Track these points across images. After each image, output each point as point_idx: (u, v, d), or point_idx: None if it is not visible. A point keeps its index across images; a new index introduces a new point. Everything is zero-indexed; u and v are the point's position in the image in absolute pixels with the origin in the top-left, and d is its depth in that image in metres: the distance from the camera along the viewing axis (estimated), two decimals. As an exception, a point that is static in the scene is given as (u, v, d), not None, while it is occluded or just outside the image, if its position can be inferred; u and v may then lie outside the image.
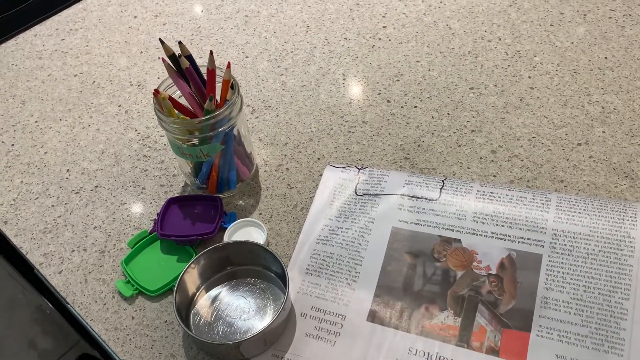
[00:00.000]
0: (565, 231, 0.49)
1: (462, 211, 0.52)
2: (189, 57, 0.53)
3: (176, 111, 0.54)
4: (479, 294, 0.50)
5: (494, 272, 0.50)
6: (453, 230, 0.52)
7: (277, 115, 0.68)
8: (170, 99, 0.52)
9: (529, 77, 0.68)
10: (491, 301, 0.49)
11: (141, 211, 0.59)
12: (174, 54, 0.53)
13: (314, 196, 0.58)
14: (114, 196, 0.61)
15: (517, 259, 0.50)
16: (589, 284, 0.47)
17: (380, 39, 0.75)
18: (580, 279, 0.48)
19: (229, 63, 0.53)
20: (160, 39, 0.52)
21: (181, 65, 0.52)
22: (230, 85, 0.53)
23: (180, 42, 0.52)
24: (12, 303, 1.15)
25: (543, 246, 0.50)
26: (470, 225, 0.52)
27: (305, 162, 0.62)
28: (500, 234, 0.51)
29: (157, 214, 0.57)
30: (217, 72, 0.54)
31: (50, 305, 1.10)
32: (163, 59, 0.53)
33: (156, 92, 0.51)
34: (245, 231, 0.56)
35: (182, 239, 0.55)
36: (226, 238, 0.55)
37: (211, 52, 0.52)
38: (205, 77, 0.54)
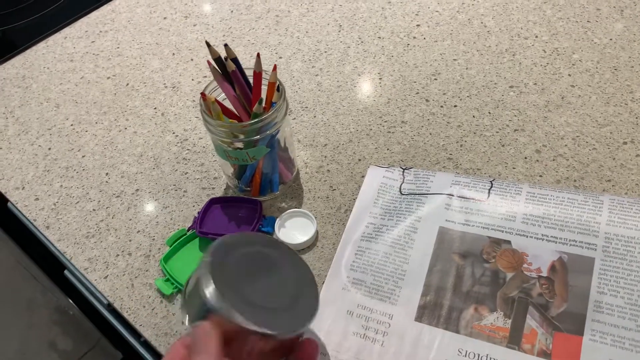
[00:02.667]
0: (619, 235, 0.49)
1: (512, 212, 0.52)
2: (235, 60, 0.52)
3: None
4: (530, 296, 0.49)
5: (544, 274, 0.50)
6: (503, 231, 0.51)
7: (315, 117, 0.67)
8: (216, 101, 0.52)
9: (569, 74, 0.67)
10: (542, 304, 0.49)
11: (184, 214, 0.59)
12: (219, 56, 0.52)
13: (357, 197, 0.58)
14: (155, 200, 0.61)
15: (569, 262, 0.49)
16: None
17: (414, 37, 0.75)
18: (634, 284, 0.47)
19: (275, 66, 0.52)
20: (206, 42, 0.51)
21: (227, 68, 0.52)
22: (277, 87, 0.53)
23: (226, 45, 0.52)
24: (31, 304, 1.16)
25: (595, 249, 0.49)
26: (520, 227, 0.51)
27: (346, 163, 0.62)
28: (551, 236, 0.50)
29: (198, 212, 0.57)
30: (263, 74, 0.53)
31: (75, 306, 1.10)
32: (209, 61, 0.52)
33: (204, 96, 0.51)
34: (295, 221, 0.56)
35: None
36: (276, 227, 0.55)
37: (258, 55, 0.52)
38: (250, 80, 0.54)
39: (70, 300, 1.11)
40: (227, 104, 0.55)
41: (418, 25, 0.76)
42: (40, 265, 1.03)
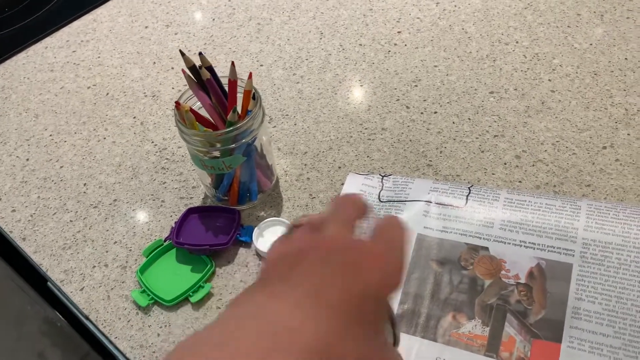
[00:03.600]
0: (596, 240, 0.48)
1: (490, 219, 0.51)
2: (210, 68, 0.52)
3: (197, 123, 0.53)
4: (508, 303, 0.49)
5: (523, 281, 0.49)
6: (480, 238, 0.51)
7: (295, 124, 0.67)
8: (191, 111, 0.52)
9: (549, 80, 0.67)
10: (520, 311, 0.48)
11: (162, 224, 0.58)
12: (194, 65, 0.52)
13: (336, 206, 0.57)
14: (133, 210, 0.60)
15: (547, 268, 0.49)
16: (622, 294, 0.46)
17: (395, 44, 0.75)
18: (612, 290, 0.47)
19: (250, 74, 0.52)
20: (180, 51, 0.51)
21: (202, 77, 0.52)
22: (252, 95, 0.52)
23: (200, 54, 0.51)
24: (20, 315, 1.14)
25: (573, 255, 0.49)
26: (498, 233, 0.51)
27: (326, 171, 0.61)
28: (530, 243, 0.50)
29: (175, 222, 0.56)
30: (238, 82, 0.53)
31: (62, 318, 1.09)
32: (183, 70, 0.52)
33: (178, 105, 0.50)
34: (274, 230, 0.56)
35: (196, 247, 0.54)
36: (255, 236, 0.55)
37: (232, 63, 0.51)
38: (226, 88, 0.53)
39: (57, 312, 1.10)
40: (204, 113, 0.55)
41: (399, 32, 0.76)
42: (24, 277, 1.02)
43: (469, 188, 0.53)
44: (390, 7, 0.80)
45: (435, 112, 0.65)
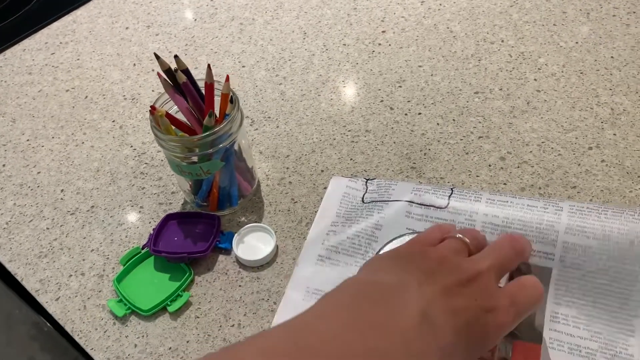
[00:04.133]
0: (576, 244, 0.48)
1: (471, 220, 0.50)
2: (186, 71, 0.50)
3: (174, 128, 0.51)
4: None
5: (502, 285, 0.48)
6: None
7: (278, 127, 0.65)
8: (168, 115, 0.50)
9: (535, 79, 0.66)
10: None
11: (140, 231, 0.57)
12: (169, 68, 0.51)
13: (318, 209, 0.56)
14: (111, 216, 0.59)
15: (527, 272, 0.48)
16: (597, 300, 0.46)
17: (380, 44, 0.73)
18: (588, 296, 0.47)
19: (227, 76, 0.51)
20: (155, 54, 0.50)
21: (178, 80, 0.50)
22: (230, 99, 0.51)
23: (176, 56, 0.50)
24: (9, 319, 1.13)
25: (553, 259, 0.48)
26: None
27: (309, 174, 0.60)
28: None
29: (153, 229, 0.55)
30: (216, 85, 0.52)
31: (48, 324, 1.08)
32: (159, 74, 0.50)
33: (153, 109, 0.49)
34: (254, 236, 0.54)
35: (174, 256, 0.53)
36: (234, 243, 0.53)
37: (209, 66, 0.50)
38: (203, 91, 0.52)
39: (41, 317, 1.08)
40: (182, 117, 0.53)
41: (383, 32, 0.75)
42: (6, 283, 1.00)
43: (451, 189, 0.52)
44: (375, 6, 0.79)
45: (420, 113, 0.64)
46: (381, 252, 0.48)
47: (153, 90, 0.71)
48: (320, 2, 0.81)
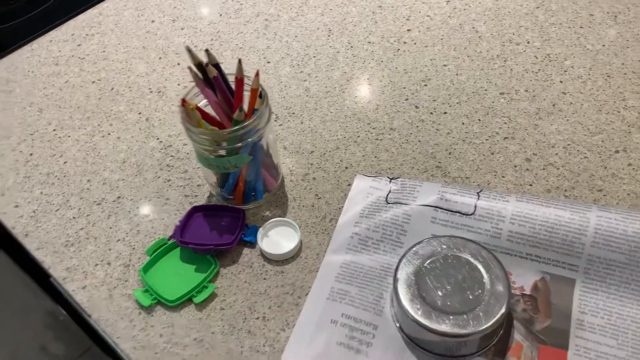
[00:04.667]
0: (601, 257, 0.48)
1: (498, 229, 0.50)
2: (217, 66, 0.51)
3: (203, 121, 0.52)
4: (514, 310, 0.48)
5: (527, 292, 0.49)
6: (488, 249, 0.50)
7: (302, 123, 0.66)
8: (197, 108, 0.51)
9: (561, 81, 0.66)
10: (526, 318, 0.48)
11: (165, 223, 0.58)
12: (200, 62, 0.51)
13: (342, 207, 0.57)
14: (137, 207, 0.59)
15: (551, 282, 0.49)
16: (622, 311, 0.47)
17: (405, 42, 0.73)
18: (612, 306, 0.47)
19: (257, 72, 0.51)
20: (187, 47, 0.50)
21: (208, 74, 0.51)
22: (259, 94, 0.51)
23: (207, 50, 0.51)
24: (25, 308, 1.14)
25: (577, 271, 0.49)
26: (506, 245, 0.50)
27: (333, 171, 0.60)
28: (535, 256, 0.50)
29: (179, 221, 0.56)
30: (245, 80, 0.52)
31: (64, 312, 1.09)
32: (189, 67, 0.51)
33: (184, 102, 0.49)
34: (279, 230, 0.55)
35: (200, 247, 0.53)
36: (259, 236, 0.54)
37: (240, 61, 0.50)
38: (233, 86, 0.53)
39: (59, 307, 1.09)
40: (210, 110, 0.54)
41: (409, 30, 0.75)
42: (26, 271, 1.02)
43: (477, 193, 0.52)
44: (400, 5, 0.79)
45: (445, 113, 0.64)
46: (404, 257, 0.48)
47: (179, 84, 0.72)
48: (346, 0, 0.81)
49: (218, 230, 0.55)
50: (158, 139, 0.66)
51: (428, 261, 0.47)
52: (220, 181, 0.57)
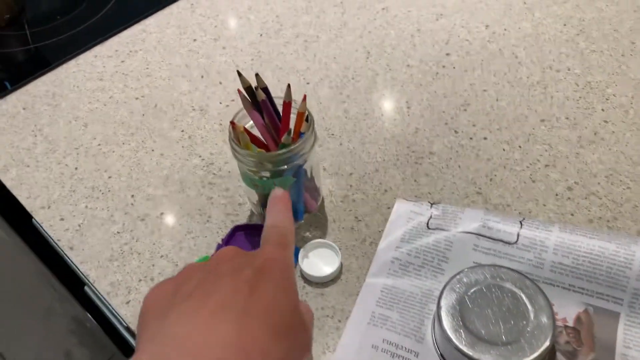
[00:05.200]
0: None
1: (540, 259, 0.50)
2: (265, 90, 0.52)
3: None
4: (557, 342, 0.48)
5: (570, 324, 0.49)
6: (530, 279, 0.50)
7: (341, 144, 0.67)
8: (246, 130, 0.52)
9: (602, 109, 0.66)
10: (569, 351, 0.47)
11: (208, 240, 0.59)
12: (250, 85, 0.52)
13: (382, 230, 0.57)
14: (180, 224, 0.60)
15: (594, 315, 0.48)
16: None
17: (444, 66, 0.74)
18: None
19: (304, 96, 0.52)
20: (238, 71, 0.51)
21: (257, 98, 0.52)
22: (306, 118, 0.52)
23: (257, 75, 0.52)
24: (49, 313, 1.16)
25: (622, 305, 0.48)
26: (548, 275, 0.50)
27: (372, 193, 0.61)
28: (579, 287, 0.49)
29: (222, 239, 0.56)
30: (292, 104, 0.53)
31: (93, 319, 1.11)
32: (239, 90, 0.52)
33: (233, 125, 0.50)
34: (319, 252, 0.56)
35: None
36: (300, 257, 0.55)
37: (289, 86, 0.52)
38: (279, 109, 0.54)
39: (88, 314, 1.11)
40: (255, 131, 0.55)
41: (448, 54, 0.76)
42: (60, 279, 1.04)
43: (520, 222, 0.52)
44: (439, 29, 0.79)
45: (485, 138, 0.65)
46: (448, 285, 0.48)
47: (220, 103, 0.73)
48: (384, 23, 0.82)
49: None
50: (200, 156, 0.67)
51: (472, 290, 0.47)
52: (262, 201, 0.58)
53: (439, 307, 0.47)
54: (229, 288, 0.29)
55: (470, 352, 0.44)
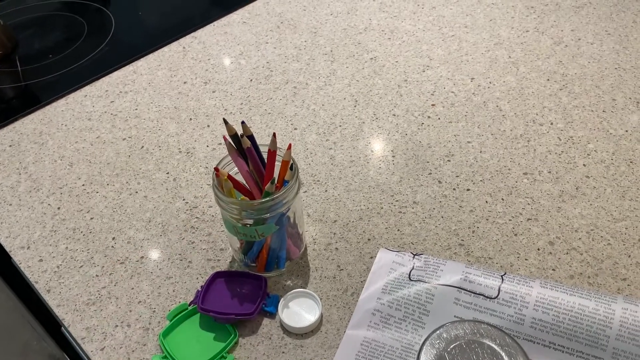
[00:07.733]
0: (627, 351, 0.47)
1: (521, 315, 0.50)
2: (251, 137, 0.52)
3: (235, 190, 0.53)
4: None
5: None
6: (510, 334, 0.50)
7: (326, 191, 0.67)
8: (230, 177, 0.52)
9: (584, 164, 0.67)
10: None
11: (187, 286, 0.58)
12: (236, 133, 0.53)
13: (364, 280, 0.57)
14: (159, 269, 0.60)
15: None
16: None
17: (429, 117, 0.75)
18: None
19: (289, 145, 0.52)
20: (224, 119, 0.52)
21: (242, 145, 0.52)
22: (290, 166, 0.53)
23: (243, 122, 0.52)
24: (26, 349, 1.13)
25: None
26: (529, 332, 0.50)
27: (355, 242, 0.61)
28: (559, 345, 0.49)
29: (201, 287, 0.56)
30: (277, 152, 0.53)
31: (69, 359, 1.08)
32: (225, 137, 0.52)
33: (217, 171, 0.51)
34: (300, 302, 0.55)
35: (221, 316, 0.53)
36: (280, 307, 0.54)
37: (274, 135, 0.52)
38: (264, 156, 0.54)
39: (65, 355, 1.08)
40: (240, 178, 0.55)
41: (433, 105, 0.77)
42: (38, 318, 1.01)
43: (501, 276, 0.52)
44: (425, 80, 0.81)
45: (468, 190, 0.65)
46: (428, 340, 0.48)
47: (207, 146, 0.73)
48: (372, 72, 0.83)
49: (239, 298, 0.55)
50: (184, 199, 0.67)
51: (451, 346, 0.47)
52: (244, 248, 0.57)
53: None
54: None
55: None
